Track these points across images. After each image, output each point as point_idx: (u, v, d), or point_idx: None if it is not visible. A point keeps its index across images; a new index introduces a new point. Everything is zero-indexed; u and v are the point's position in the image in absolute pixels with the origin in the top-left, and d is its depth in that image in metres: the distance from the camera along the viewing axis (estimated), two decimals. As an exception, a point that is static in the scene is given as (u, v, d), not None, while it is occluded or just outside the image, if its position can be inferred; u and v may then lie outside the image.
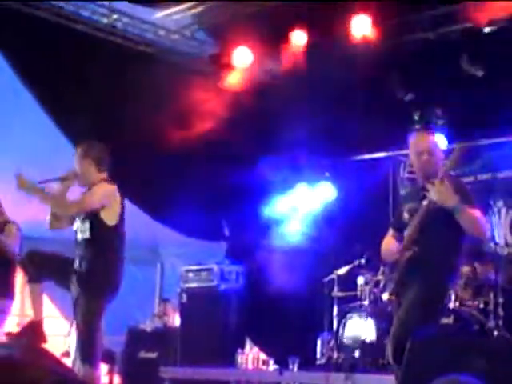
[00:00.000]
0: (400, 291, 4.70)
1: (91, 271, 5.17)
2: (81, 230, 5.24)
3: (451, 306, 6.15)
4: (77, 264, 5.22)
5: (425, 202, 4.56)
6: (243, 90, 8.11)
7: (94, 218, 5.18)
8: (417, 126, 7.61)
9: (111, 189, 5.27)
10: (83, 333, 5.13)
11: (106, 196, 5.24)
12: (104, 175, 5.34)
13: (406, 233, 4.65)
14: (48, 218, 5.43)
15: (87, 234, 5.21)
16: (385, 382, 5.66)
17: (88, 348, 5.11)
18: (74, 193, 5.49)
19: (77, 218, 5.31)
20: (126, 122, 8.06)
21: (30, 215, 7.01)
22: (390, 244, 4.85)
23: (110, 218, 5.20)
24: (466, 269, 6.31)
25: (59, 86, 7.51)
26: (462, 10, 6.88)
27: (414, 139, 4.85)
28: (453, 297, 6.20)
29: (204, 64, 8.42)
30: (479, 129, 7.33)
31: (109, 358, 7.99)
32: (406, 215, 4.74)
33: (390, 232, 4.92)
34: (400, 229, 4.78)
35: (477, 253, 6.30)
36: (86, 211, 5.20)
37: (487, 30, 6.89)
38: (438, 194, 4.40)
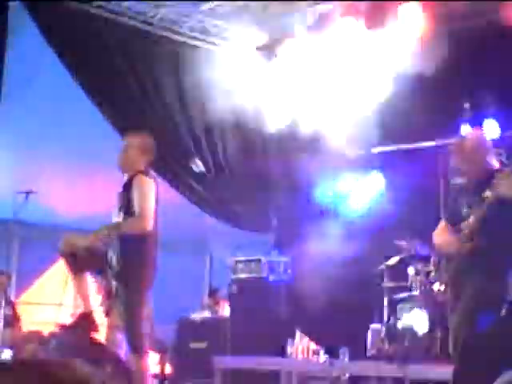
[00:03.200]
0: (457, 282, 4.68)
1: (125, 265, 5.20)
2: (117, 218, 5.26)
3: (509, 297, 6.06)
4: (110, 257, 5.26)
5: (486, 195, 4.52)
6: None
7: (127, 212, 5.18)
8: (467, 114, 7.52)
9: (150, 182, 5.29)
10: (128, 324, 5.20)
11: (150, 190, 5.25)
12: (143, 167, 5.33)
13: (467, 225, 4.62)
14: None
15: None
16: (437, 372, 5.63)
17: (135, 338, 5.18)
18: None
19: (114, 213, 5.34)
20: (176, 117, 8.13)
21: (78, 208, 7.15)
22: (444, 236, 4.82)
23: (136, 205, 5.16)
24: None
25: (108, 78, 7.60)
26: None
27: (457, 146, 4.82)
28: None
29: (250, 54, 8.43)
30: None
31: (160, 347, 8.09)
32: (463, 208, 4.72)
33: (442, 223, 4.89)
34: (454, 221, 4.74)
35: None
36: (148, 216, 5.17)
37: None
38: (505, 188, 4.37)
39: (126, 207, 5.16)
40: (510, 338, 4.24)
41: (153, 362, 7.90)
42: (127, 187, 5.22)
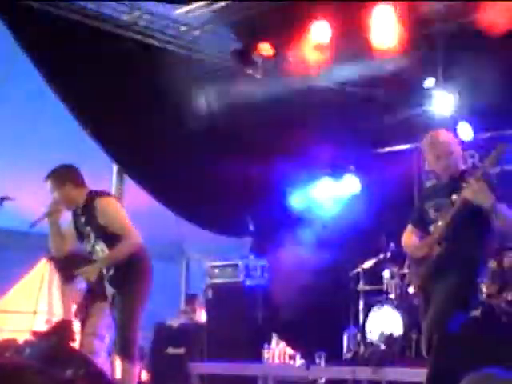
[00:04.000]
0: (428, 285, 4.70)
1: (126, 273, 5.19)
2: (99, 249, 5.21)
3: (480, 298, 6.11)
4: (108, 277, 5.24)
5: (455, 198, 4.53)
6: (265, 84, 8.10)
7: (104, 236, 5.15)
8: (439, 117, 7.56)
9: (110, 200, 5.25)
10: (123, 331, 5.18)
11: (116, 206, 5.22)
12: (85, 189, 5.29)
13: (435, 228, 4.63)
14: (51, 244, 5.40)
15: (106, 252, 5.19)
16: (412, 375, 5.64)
17: (129, 346, 5.16)
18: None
19: (86, 240, 5.26)
20: (148, 120, 8.09)
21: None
22: (412, 240, 4.84)
23: (118, 229, 5.15)
24: (493, 262, 6.26)
25: (80, 82, 7.55)
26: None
27: (428, 142, 4.79)
28: (481, 290, 6.16)
29: (226, 59, 8.41)
30: (504, 118, 7.25)
31: (138, 354, 8.04)
32: (431, 211, 4.72)
33: (410, 228, 4.90)
34: (422, 225, 4.76)
35: (504, 245, 6.26)
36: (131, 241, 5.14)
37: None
38: (475, 193, 4.37)
39: (103, 234, 5.14)
40: (482, 339, 4.27)
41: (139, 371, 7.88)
42: (89, 216, 5.18)
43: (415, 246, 4.79)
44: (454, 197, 4.54)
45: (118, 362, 5.42)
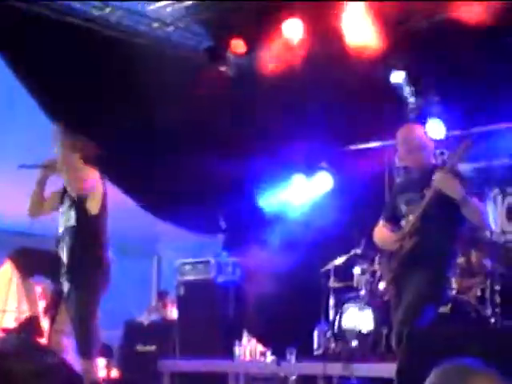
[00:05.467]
0: (399, 280, 4.73)
1: (80, 263, 5.15)
2: (66, 217, 5.21)
3: (449, 294, 6.15)
4: (64, 256, 5.19)
5: (426, 192, 4.57)
6: (237, 80, 8.10)
7: (79, 205, 5.17)
8: (412, 114, 7.62)
9: (97, 176, 5.26)
10: (79, 327, 5.12)
11: (96, 182, 5.24)
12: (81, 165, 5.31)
13: (406, 223, 4.67)
14: (29, 204, 5.41)
15: (72, 221, 5.18)
16: (382, 370, 5.66)
17: (85, 342, 5.11)
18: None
19: (61, 207, 5.28)
20: (121, 115, 8.04)
21: (21, 210, 6.98)
22: (384, 234, 4.87)
23: (93, 207, 5.18)
24: (462, 257, 6.31)
25: (52, 77, 7.48)
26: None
27: (402, 134, 4.84)
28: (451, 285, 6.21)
29: (198, 56, 8.39)
30: (474, 116, 7.31)
31: (106, 352, 7.99)
32: (402, 206, 4.75)
33: (381, 223, 4.93)
34: (393, 219, 4.79)
35: (473, 241, 6.31)
36: (81, 185, 5.15)
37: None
38: (445, 185, 4.41)
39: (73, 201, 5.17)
40: (451, 335, 4.30)
41: (99, 367, 7.82)
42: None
43: (386, 240, 4.82)
44: (425, 191, 4.58)
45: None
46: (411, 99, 7.73)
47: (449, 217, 4.56)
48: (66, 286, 5.19)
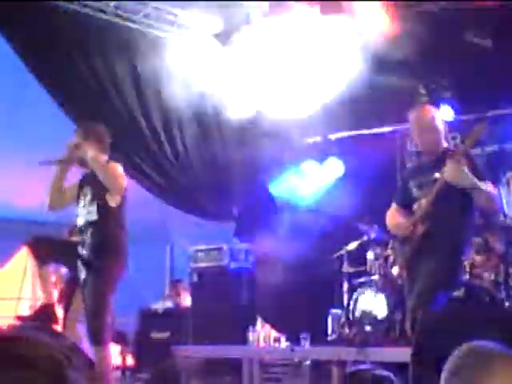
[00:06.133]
0: (412, 265, 4.72)
1: (99, 253, 5.17)
2: (87, 211, 5.24)
3: (463, 278, 6.15)
4: (83, 248, 5.21)
5: (438, 175, 4.55)
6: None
7: (100, 199, 5.19)
8: (423, 99, 7.58)
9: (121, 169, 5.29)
10: (93, 314, 5.14)
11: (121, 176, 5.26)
12: (106, 156, 5.33)
13: (418, 207, 4.65)
14: (48, 198, 5.43)
15: (94, 216, 5.20)
16: (396, 355, 5.67)
17: (98, 329, 5.13)
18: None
19: (81, 200, 5.30)
20: (133, 106, 8.05)
21: (35, 200, 7.01)
22: (397, 219, 4.86)
23: (115, 200, 5.21)
24: (476, 241, 6.30)
25: (63, 69, 7.49)
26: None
27: (414, 116, 4.83)
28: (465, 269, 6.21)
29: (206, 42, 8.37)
30: (485, 101, 7.28)
31: (121, 339, 8.04)
32: (415, 190, 4.74)
33: (394, 206, 4.92)
34: (406, 204, 4.78)
35: (487, 224, 6.30)
36: (113, 182, 5.17)
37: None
38: (454, 175, 4.40)
39: (99, 197, 5.19)
40: (466, 318, 4.30)
41: (114, 354, 7.87)
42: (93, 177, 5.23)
43: (399, 224, 4.81)
44: (437, 175, 4.56)
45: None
46: (422, 83, 7.69)
47: (461, 201, 4.54)
48: (82, 274, 5.22)
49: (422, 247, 4.62)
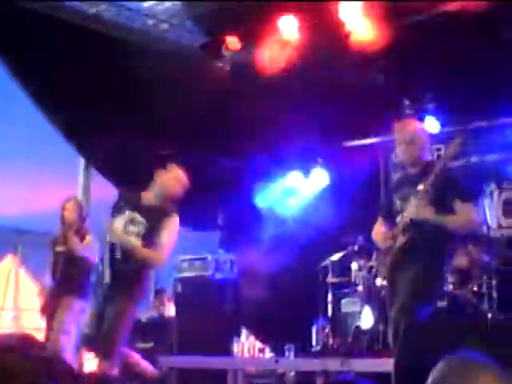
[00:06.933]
0: (394, 276, 4.74)
1: (138, 276, 5.32)
2: (135, 233, 5.36)
3: (445, 289, 6.18)
4: (115, 264, 5.31)
5: (420, 188, 4.58)
6: (233, 78, 8.09)
7: (150, 238, 5.33)
8: (408, 111, 7.63)
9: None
10: (110, 331, 5.19)
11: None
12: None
13: (401, 218, 4.68)
14: None
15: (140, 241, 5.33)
16: (380, 366, 5.68)
17: (112, 346, 5.16)
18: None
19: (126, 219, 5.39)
20: (116, 114, 8.04)
21: (22, 208, 6.99)
22: (379, 231, 4.90)
23: (165, 237, 5.45)
24: (459, 252, 6.33)
25: (47, 76, 7.48)
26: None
27: (397, 128, 4.89)
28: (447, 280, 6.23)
29: (193, 53, 8.38)
30: (470, 112, 7.34)
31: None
32: (398, 202, 4.77)
33: (379, 221, 4.96)
34: (390, 216, 4.81)
35: (470, 235, 6.33)
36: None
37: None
38: (417, 211, 4.48)
39: (149, 235, 5.30)
40: (449, 329, 4.32)
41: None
42: (157, 217, 5.35)
43: (382, 236, 4.85)
44: (420, 187, 4.59)
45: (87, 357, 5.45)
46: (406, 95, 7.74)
47: (442, 212, 4.57)
48: (106, 292, 5.29)
49: (402, 258, 4.64)
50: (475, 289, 6.26)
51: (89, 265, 6.42)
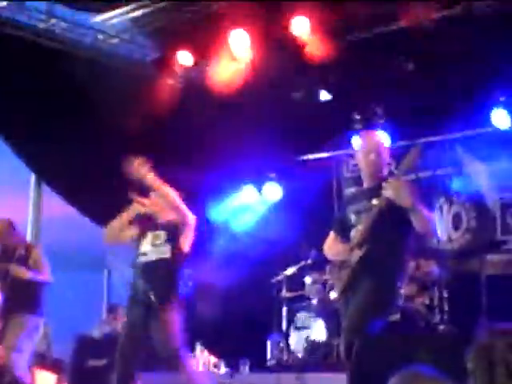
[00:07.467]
0: (348, 290, 4.76)
1: (171, 289, 5.37)
2: (159, 250, 5.41)
3: (399, 303, 6.24)
4: (149, 283, 5.29)
5: (375, 202, 4.61)
6: (186, 93, 8.09)
7: (174, 241, 5.42)
8: (357, 126, 7.71)
9: None
10: (168, 345, 5.35)
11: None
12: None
13: (355, 233, 4.70)
14: (109, 230, 5.50)
15: (167, 254, 5.38)
16: (335, 380, 5.72)
17: (174, 357, 5.35)
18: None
19: (151, 238, 5.39)
20: (67, 129, 7.96)
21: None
22: (334, 246, 4.91)
23: (186, 243, 5.52)
24: (410, 265, 6.40)
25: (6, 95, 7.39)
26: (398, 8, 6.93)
27: (361, 139, 4.95)
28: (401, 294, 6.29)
29: (144, 68, 8.35)
30: (419, 127, 7.45)
31: (58, 367, 7.89)
32: (352, 216, 4.79)
33: (332, 235, 4.97)
34: (344, 231, 4.83)
35: (420, 249, 6.40)
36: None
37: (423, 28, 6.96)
38: (396, 191, 4.46)
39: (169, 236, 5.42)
40: (401, 341, 4.36)
41: (50, 383, 7.70)
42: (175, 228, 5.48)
43: (336, 251, 4.86)
44: (375, 201, 4.62)
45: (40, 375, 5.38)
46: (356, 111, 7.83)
47: (398, 227, 4.60)
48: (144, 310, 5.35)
49: (357, 272, 4.66)
50: (427, 302, 6.34)
51: (40, 281, 6.34)
